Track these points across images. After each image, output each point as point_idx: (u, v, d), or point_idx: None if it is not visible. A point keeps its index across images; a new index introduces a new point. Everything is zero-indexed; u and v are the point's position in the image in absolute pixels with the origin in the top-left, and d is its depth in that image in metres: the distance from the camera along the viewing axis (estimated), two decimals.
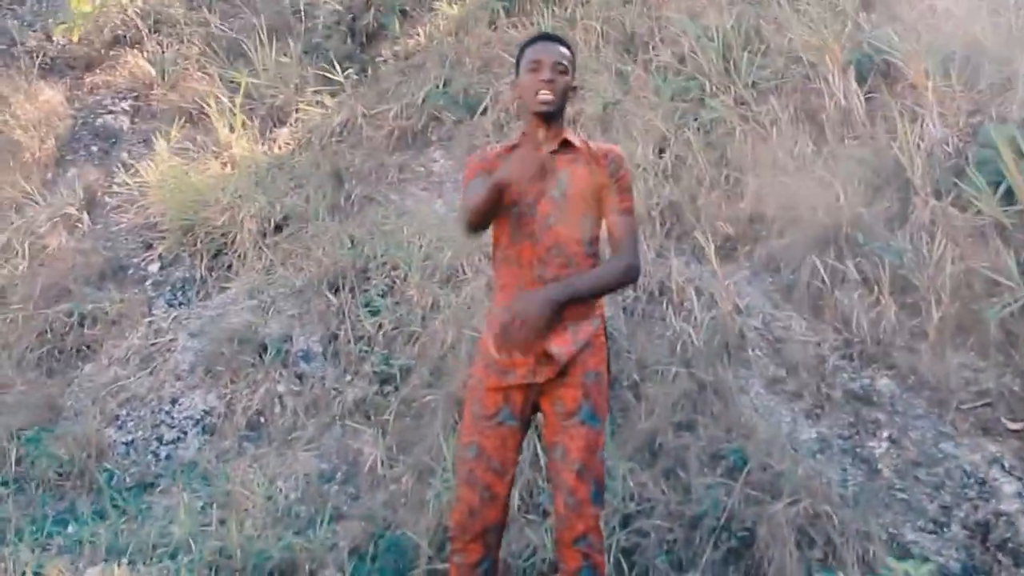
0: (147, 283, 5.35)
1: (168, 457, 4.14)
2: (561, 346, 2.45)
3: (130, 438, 4.27)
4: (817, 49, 4.85)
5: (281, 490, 3.61)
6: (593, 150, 2.60)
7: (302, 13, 8.31)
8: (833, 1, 5.20)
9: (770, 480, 3.18)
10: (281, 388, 4.28)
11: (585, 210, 2.53)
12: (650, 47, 5.81)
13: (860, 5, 5.13)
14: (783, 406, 3.55)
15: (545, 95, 2.52)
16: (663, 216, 4.45)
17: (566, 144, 2.58)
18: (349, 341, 4.37)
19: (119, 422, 4.37)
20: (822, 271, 3.87)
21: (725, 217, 4.32)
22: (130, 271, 5.45)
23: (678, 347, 3.73)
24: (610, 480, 3.02)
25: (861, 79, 4.64)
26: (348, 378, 4.23)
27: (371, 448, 3.83)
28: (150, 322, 4.95)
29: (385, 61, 7.00)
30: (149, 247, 5.56)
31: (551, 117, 2.57)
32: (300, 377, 4.34)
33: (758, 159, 4.45)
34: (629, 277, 2.57)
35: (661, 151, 4.88)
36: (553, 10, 6.58)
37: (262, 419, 4.18)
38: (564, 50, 2.63)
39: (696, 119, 4.97)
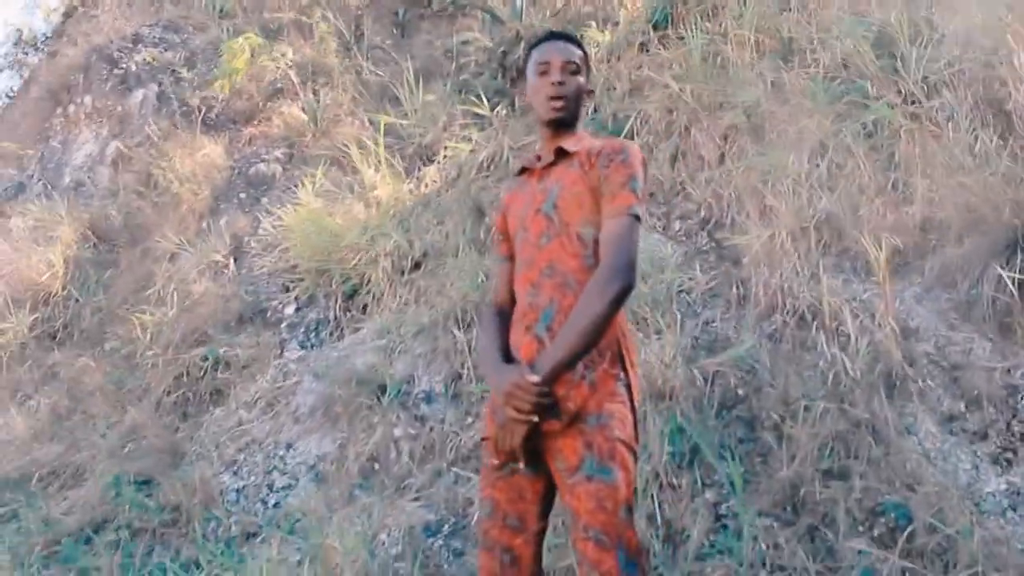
0: (282, 325, 5.36)
1: (276, 505, 3.99)
2: (567, 398, 2.03)
3: (242, 484, 4.16)
4: (999, 32, 4.19)
5: (384, 543, 3.34)
6: (590, 149, 2.21)
7: (454, 53, 8.44)
8: None
9: (941, 545, 2.58)
10: (398, 432, 4.05)
11: (583, 220, 2.14)
12: (807, 53, 5.31)
13: None
14: (961, 449, 2.92)
15: (556, 101, 2.24)
16: (819, 230, 3.90)
17: (562, 152, 2.24)
18: (472, 380, 4.08)
19: (235, 467, 4.28)
20: (1009, 283, 3.22)
21: (891, 227, 3.72)
22: (268, 314, 5.49)
23: (830, 378, 3.17)
24: (736, 541, 2.53)
25: None
26: (469, 420, 3.95)
27: None
28: (280, 365, 4.90)
29: None
30: (287, 290, 5.57)
31: (564, 124, 2.27)
32: (420, 419, 4.10)
33: (930, 160, 3.84)
34: (615, 291, 2.01)
35: (818, 161, 4.34)
36: (706, 25, 6.22)
37: (375, 465, 3.95)
38: (575, 49, 2.33)
39: (858, 122, 4.41)
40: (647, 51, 6.46)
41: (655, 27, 6.50)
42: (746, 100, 5.07)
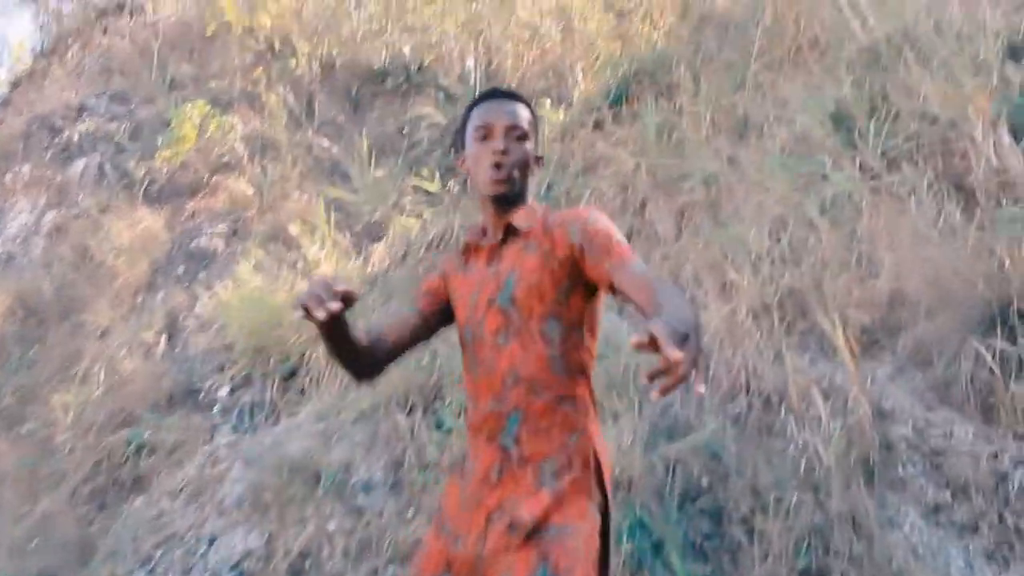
0: (214, 408, 5.02)
1: None
2: (530, 511, 1.74)
3: None
4: (958, 106, 4.13)
5: None
6: (547, 223, 1.91)
7: (406, 130, 8.34)
8: (971, 54, 4.49)
9: None
10: (332, 525, 3.70)
11: (544, 314, 1.84)
12: (763, 128, 5.25)
13: (1004, 54, 4.40)
14: (952, 544, 2.67)
15: (498, 172, 1.89)
16: (781, 307, 3.71)
17: (513, 230, 1.93)
18: (413, 469, 3.77)
19: (151, 565, 3.88)
20: (989, 359, 3.02)
21: (858, 302, 3.54)
22: (200, 396, 5.14)
23: (802, 466, 2.92)
24: None
25: (1015, 132, 3.87)
26: (410, 513, 3.62)
27: None
28: (209, 451, 4.55)
29: None
30: (221, 370, 5.24)
31: (509, 200, 1.93)
32: (357, 511, 3.76)
33: (894, 233, 3.69)
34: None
35: (778, 235, 4.20)
36: (662, 103, 6.20)
37: (307, 563, 3.59)
38: (522, 109, 1.98)
39: (818, 196, 4.29)
40: (602, 128, 6.42)
41: (610, 105, 6.48)
42: (702, 174, 4.97)
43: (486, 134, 1.93)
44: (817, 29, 5.98)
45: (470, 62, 8.33)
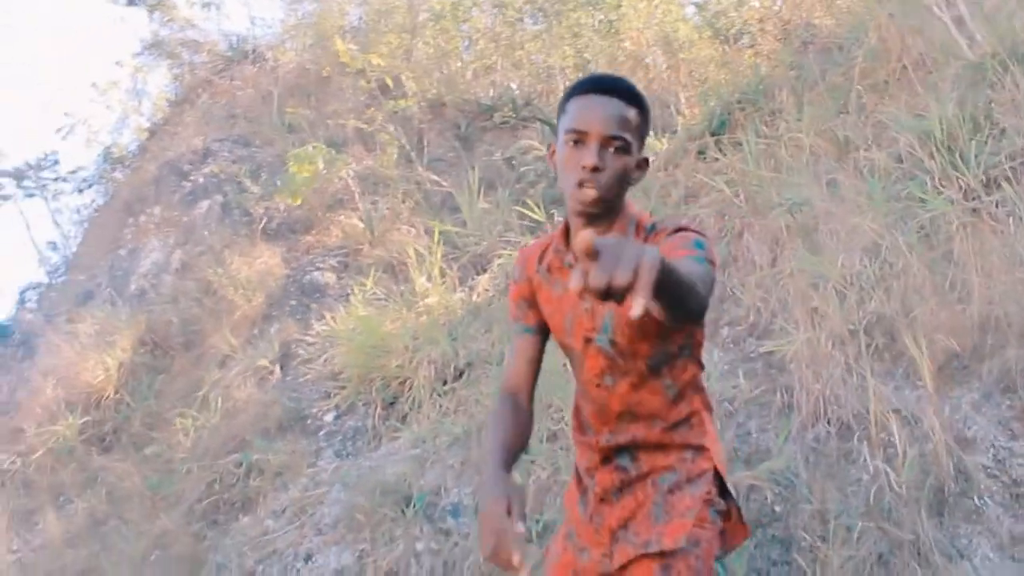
0: (320, 434, 5.22)
1: None
2: (653, 528, 1.72)
3: None
4: None
5: None
6: (651, 240, 1.68)
7: (513, 163, 8.51)
8: None
9: None
10: (420, 545, 3.80)
11: (651, 350, 1.71)
12: (860, 151, 5.13)
13: None
14: None
15: (588, 191, 1.64)
16: (868, 334, 3.61)
17: None
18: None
19: None
20: None
21: (948, 329, 3.40)
22: (307, 422, 5.36)
23: (872, 494, 2.83)
24: None
25: None
26: None
27: None
28: (312, 474, 4.74)
29: None
30: (328, 397, 5.46)
31: (598, 216, 1.70)
32: (444, 532, 3.85)
33: (989, 258, 3.54)
34: (706, 270, 1.52)
35: (871, 260, 4.09)
36: (763, 129, 6.14)
37: None
38: (627, 110, 1.66)
39: (914, 219, 4.16)
40: (704, 156, 6.40)
41: (712, 133, 6.46)
42: (797, 199, 4.88)
43: (579, 139, 1.65)
44: (922, 47, 5.80)
45: None
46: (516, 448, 1.76)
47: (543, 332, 1.89)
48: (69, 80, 28.27)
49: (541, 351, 1.89)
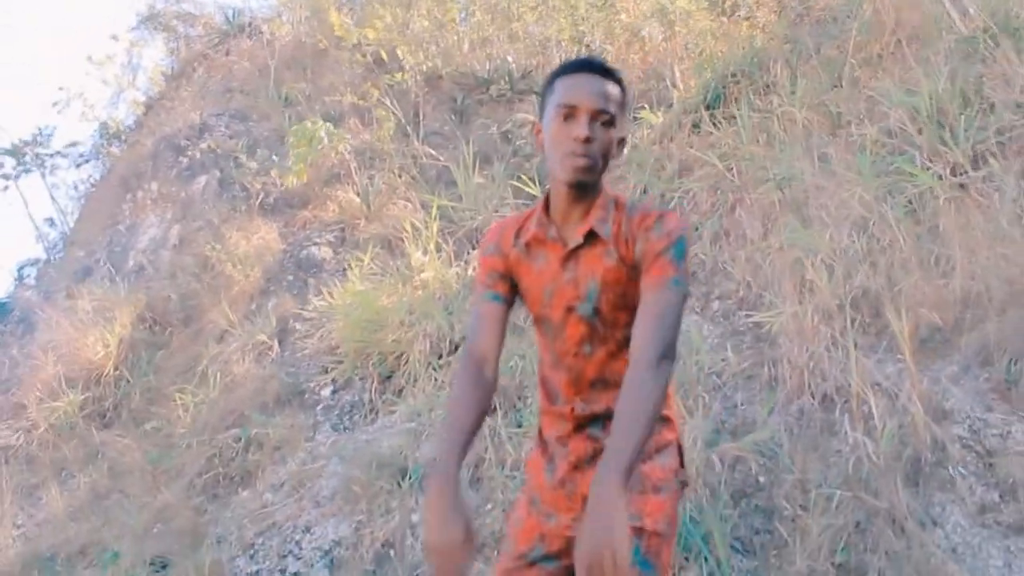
0: (318, 408, 5.28)
1: None
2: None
3: (256, 569, 4.03)
4: None
5: None
6: (624, 229, 1.79)
7: (510, 136, 8.50)
8: None
9: None
10: (416, 517, 3.88)
11: (631, 319, 1.75)
12: (852, 126, 5.15)
13: None
14: (994, 543, 2.59)
15: (577, 161, 1.74)
16: (855, 307, 3.66)
17: (593, 235, 1.81)
18: (492, 466, 3.91)
19: (252, 551, 4.16)
20: None
21: (932, 303, 3.46)
22: (305, 396, 5.42)
23: (850, 464, 2.90)
24: None
25: None
26: (488, 507, 3.76)
27: None
28: (310, 447, 4.81)
29: None
30: (325, 372, 5.52)
31: (585, 188, 1.80)
32: None
33: (973, 233, 3.59)
34: (666, 374, 1.66)
35: (858, 235, 4.13)
36: (756, 103, 6.14)
37: (391, 552, 3.78)
38: (612, 88, 1.77)
39: (902, 194, 4.20)
40: (699, 130, 6.40)
41: (707, 106, 6.45)
42: (787, 174, 4.92)
43: (569, 114, 1.75)
44: (916, 21, 5.80)
45: None
46: (476, 428, 1.81)
47: (510, 303, 1.95)
48: (64, 53, 28.11)
49: (506, 320, 1.95)
